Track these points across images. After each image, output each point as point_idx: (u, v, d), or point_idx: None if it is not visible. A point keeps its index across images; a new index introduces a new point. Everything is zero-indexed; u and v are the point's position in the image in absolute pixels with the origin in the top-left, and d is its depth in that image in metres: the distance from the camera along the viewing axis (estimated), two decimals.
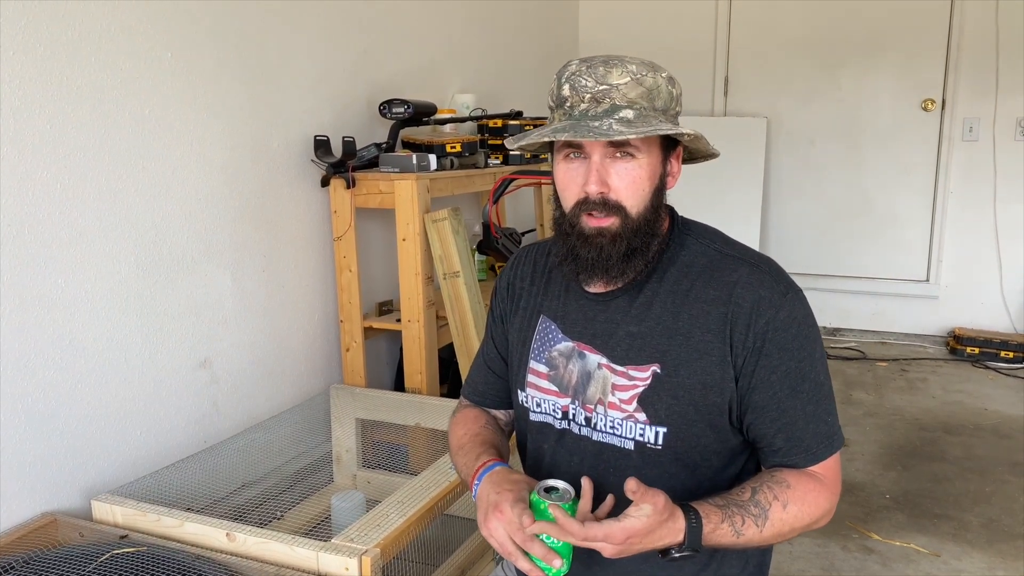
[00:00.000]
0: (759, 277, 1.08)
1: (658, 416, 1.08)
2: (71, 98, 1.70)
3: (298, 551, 1.47)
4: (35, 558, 1.49)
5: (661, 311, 1.10)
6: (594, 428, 1.13)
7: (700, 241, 1.14)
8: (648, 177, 1.06)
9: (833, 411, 1.10)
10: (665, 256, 1.12)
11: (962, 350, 4.14)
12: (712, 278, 1.09)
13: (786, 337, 1.05)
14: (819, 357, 1.09)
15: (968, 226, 4.29)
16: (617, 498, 1.11)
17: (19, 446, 1.64)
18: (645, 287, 1.12)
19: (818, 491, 1.07)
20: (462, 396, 1.39)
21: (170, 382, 1.99)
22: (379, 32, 2.76)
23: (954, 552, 2.32)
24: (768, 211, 4.59)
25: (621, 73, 1.03)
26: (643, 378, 1.09)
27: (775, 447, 1.09)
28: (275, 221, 2.31)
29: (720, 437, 1.10)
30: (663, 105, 1.05)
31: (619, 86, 1.02)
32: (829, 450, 1.08)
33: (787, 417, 1.07)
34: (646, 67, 1.05)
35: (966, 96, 4.18)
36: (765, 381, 1.06)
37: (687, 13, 4.62)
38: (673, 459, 1.10)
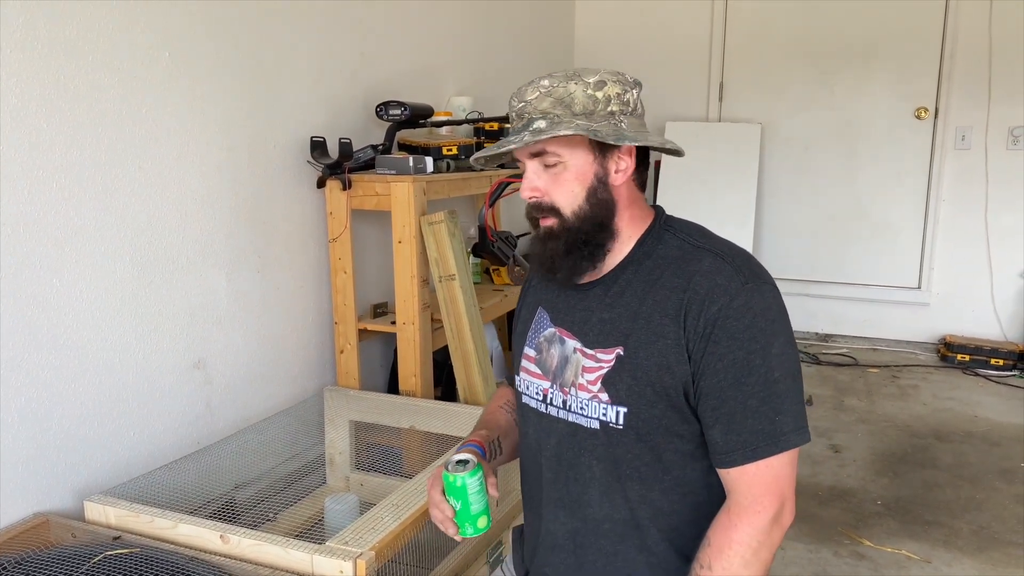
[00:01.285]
0: (720, 266, 1.09)
1: (619, 396, 1.12)
2: (68, 97, 1.70)
3: (292, 553, 1.46)
4: (27, 559, 1.48)
5: (630, 298, 1.14)
6: (568, 410, 1.18)
7: (677, 236, 1.17)
8: (575, 178, 1.13)
9: (787, 411, 1.06)
10: (641, 250, 1.16)
11: (953, 357, 4.16)
12: (679, 268, 1.12)
13: (737, 326, 1.05)
14: (776, 353, 1.06)
15: (960, 234, 4.32)
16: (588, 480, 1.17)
17: (12, 446, 1.63)
18: (620, 278, 1.16)
19: (735, 527, 1.06)
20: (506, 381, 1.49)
21: (164, 383, 1.98)
22: (376, 34, 2.76)
23: (945, 559, 2.33)
24: (761, 217, 4.60)
25: (534, 89, 1.13)
26: (608, 360, 1.13)
27: (715, 441, 1.09)
28: (270, 222, 2.30)
29: (683, 419, 1.11)
30: (582, 109, 1.11)
31: (531, 100, 1.13)
32: (770, 448, 1.05)
33: (727, 407, 1.06)
34: (564, 79, 1.13)
35: (959, 105, 4.21)
36: (711, 368, 1.06)
37: (682, 19, 4.64)
38: (636, 439, 1.12)
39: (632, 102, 1.14)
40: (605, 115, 1.11)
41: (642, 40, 4.71)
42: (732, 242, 1.17)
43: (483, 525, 1.20)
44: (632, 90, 1.14)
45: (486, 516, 1.21)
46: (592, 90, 1.11)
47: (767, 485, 1.06)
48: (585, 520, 1.18)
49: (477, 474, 1.19)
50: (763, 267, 1.13)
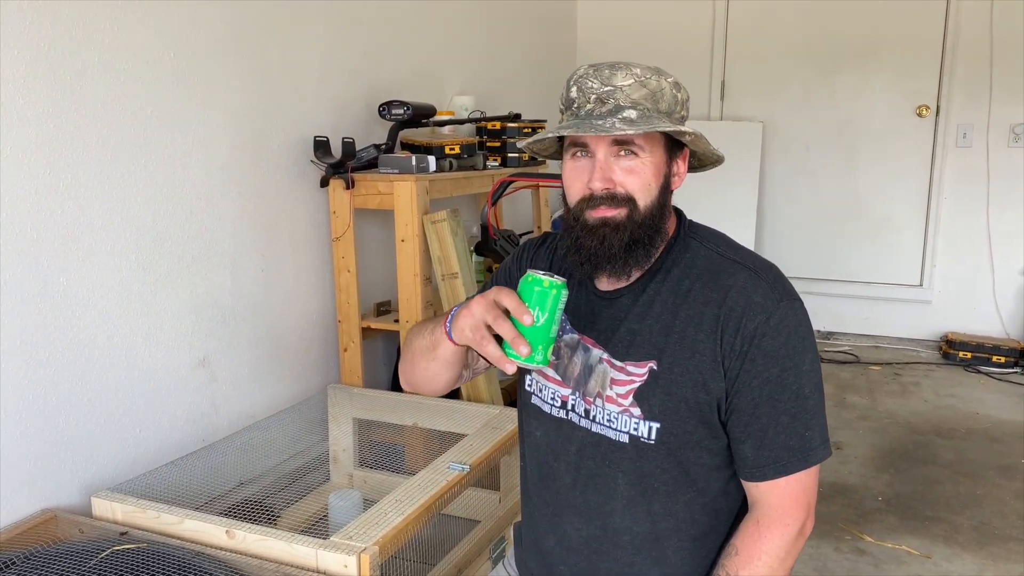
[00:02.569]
0: (755, 283, 1.09)
1: (652, 411, 1.11)
2: (74, 98, 1.71)
3: (297, 548, 1.48)
4: (35, 554, 1.50)
5: (661, 310, 1.12)
6: (593, 420, 1.16)
7: (705, 244, 1.16)
8: (653, 175, 1.10)
9: (816, 427, 1.08)
10: (669, 257, 1.15)
11: (954, 354, 4.17)
12: (711, 280, 1.11)
13: (773, 344, 1.06)
14: (807, 370, 1.08)
15: (961, 231, 4.32)
16: (612, 491, 1.15)
17: (20, 443, 1.65)
18: (649, 287, 1.14)
19: (765, 538, 1.08)
20: None
21: (169, 380, 2.00)
22: (379, 34, 2.78)
23: (945, 554, 2.34)
24: (763, 215, 4.61)
25: (626, 75, 1.07)
26: (640, 374, 1.12)
27: (745, 456, 1.09)
28: (274, 221, 2.32)
29: (713, 434, 1.11)
30: (667, 108, 1.09)
31: (623, 87, 1.07)
32: (800, 464, 1.07)
33: (759, 423, 1.07)
34: (651, 71, 1.09)
35: (960, 102, 4.21)
36: (747, 385, 1.07)
37: (684, 17, 4.64)
38: (666, 454, 1.12)
39: (687, 104, 1.15)
40: (679, 118, 1.11)
41: (644, 39, 4.72)
42: (757, 254, 1.17)
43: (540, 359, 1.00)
44: (685, 91, 1.15)
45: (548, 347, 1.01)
46: (675, 90, 1.11)
47: (795, 498, 1.08)
48: (604, 529, 1.17)
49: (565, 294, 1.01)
50: (790, 283, 1.13)
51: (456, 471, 1.78)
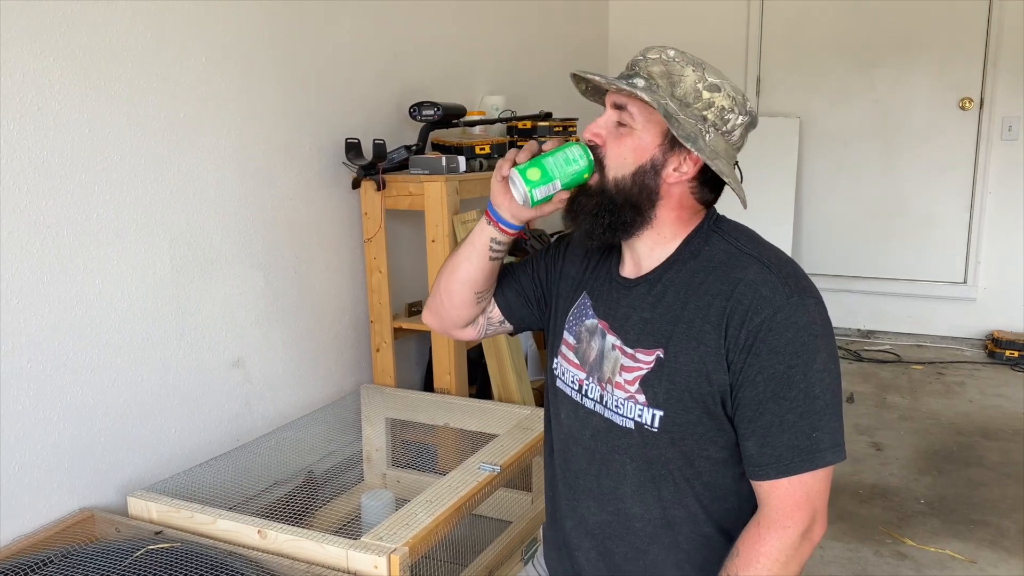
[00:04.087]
0: (765, 277, 1.07)
1: (656, 399, 1.11)
2: (108, 102, 1.74)
3: (328, 549, 1.49)
4: (73, 552, 1.53)
5: (672, 299, 1.13)
6: (605, 406, 1.17)
7: (725, 238, 1.15)
8: (633, 150, 1.12)
9: (824, 428, 1.05)
10: (688, 249, 1.15)
11: (1001, 353, 4.06)
12: (724, 273, 1.10)
13: (780, 340, 1.04)
14: (818, 369, 1.05)
15: (1007, 227, 4.21)
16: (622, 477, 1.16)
17: (58, 443, 1.68)
18: (664, 276, 1.15)
19: (764, 540, 1.05)
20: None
21: (204, 381, 2.02)
22: (409, 36, 2.78)
23: (990, 559, 2.28)
24: (801, 212, 4.54)
25: (658, 51, 1.12)
26: (647, 361, 1.12)
27: (750, 453, 1.07)
28: (307, 223, 2.34)
29: (718, 426, 1.10)
30: (682, 95, 1.10)
31: (648, 58, 1.12)
32: (805, 464, 1.04)
33: (763, 420, 1.05)
34: (689, 61, 1.11)
35: (1005, 94, 4.11)
36: (751, 380, 1.05)
37: (719, 12, 4.59)
38: (669, 443, 1.11)
39: (732, 125, 1.12)
40: (697, 116, 1.10)
41: (677, 36, 4.67)
42: (781, 250, 1.14)
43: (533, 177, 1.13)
44: (739, 116, 1.12)
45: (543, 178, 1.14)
46: (702, 86, 1.10)
47: (798, 501, 1.05)
48: (617, 514, 1.18)
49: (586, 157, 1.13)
50: (810, 280, 1.10)
51: (487, 472, 1.77)
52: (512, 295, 1.38)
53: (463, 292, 1.32)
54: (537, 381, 2.84)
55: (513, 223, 1.23)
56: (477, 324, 1.39)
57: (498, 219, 1.23)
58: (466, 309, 1.35)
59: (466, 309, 1.35)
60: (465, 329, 1.40)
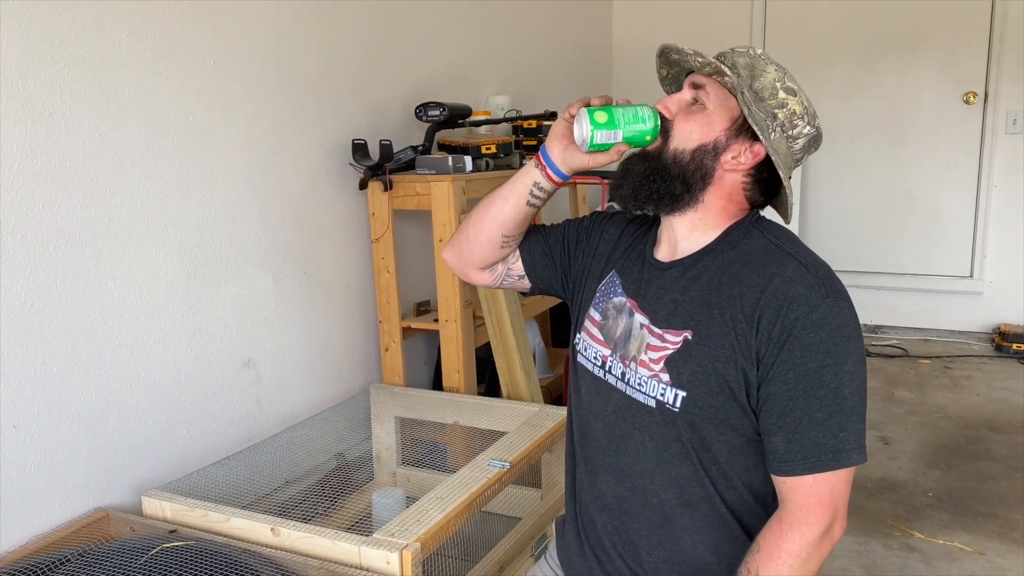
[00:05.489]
0: (802, 275, 1.09)
1: (680, 380, 1.12)
2: (118, 106, 1.76)
3: (341, 545, 1.50)
4: (89, 551, 1.55)
5: (706, 284, 1.14)
6: (627, 383, 1.19)
7: (765, 235, 1.17)
8: (701, 126, 1.14)
9: (851, 428, 1.06)
10: (727, 239, 1.17)
11: (1008, 347, 4.06)
12: (760, 267, 1.12)
13: (814, 339, 1.05)
14: (848, 370, 1.06)
15: (1013, 221, 4.21)
16: (641, 453, 1.18)
17: (74, 444, 1.70)
18: (700, 262, 1.17)
19: (786, 536, 1.06)
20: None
21: (215, 382, 2.04)
22: (415, 36, 2.80)
23: (999, 551, 2.29)
24: (807, 208, 4.55)
25: (744, 47, 1.17)
26: (675, 342, 1.14)
27: (776, 448, 1.08)
28: (315, 224, 2.35)
29: (739, 412, 1.11)
30: (759, 88, 1.13)
31: (735, 51, 1.16)
32: (830, 463, 1.05)
33: (792, 416, 1.06)
34: (771, 61, 1.16)
35: (1009, 88, 4.10)
36: (781, 376, 1.06)
37: (722, 11, 4.60)
38: (688, 424, 1.13)
39: (798, 132, 1.14)
40: (768, 112, 1.13)
41: (682, 33, 4.68)
42: (817, 255, 1.16)
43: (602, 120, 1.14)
44: (807, 127, 1.15)
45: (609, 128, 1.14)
46: (780, 86, 1.13)
47: (821, 498, 1.06)
48: (634, 490, 1.19)
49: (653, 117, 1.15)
50: (843, 284, 1.12)
51: (496, 468, 1.79)
52: (539, 252, 1.38)
53: (492, 230, 1.31)
54: (545, 379, 2.85)
55: (562, 170, 1.23)
56: (495, 271, 1.39)
57: (548, 162, 1.23)
58: (490, 249, 1.34)
59: (490, 249, 1.34)
60: (482, 272, 1.39)
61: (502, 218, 1.30)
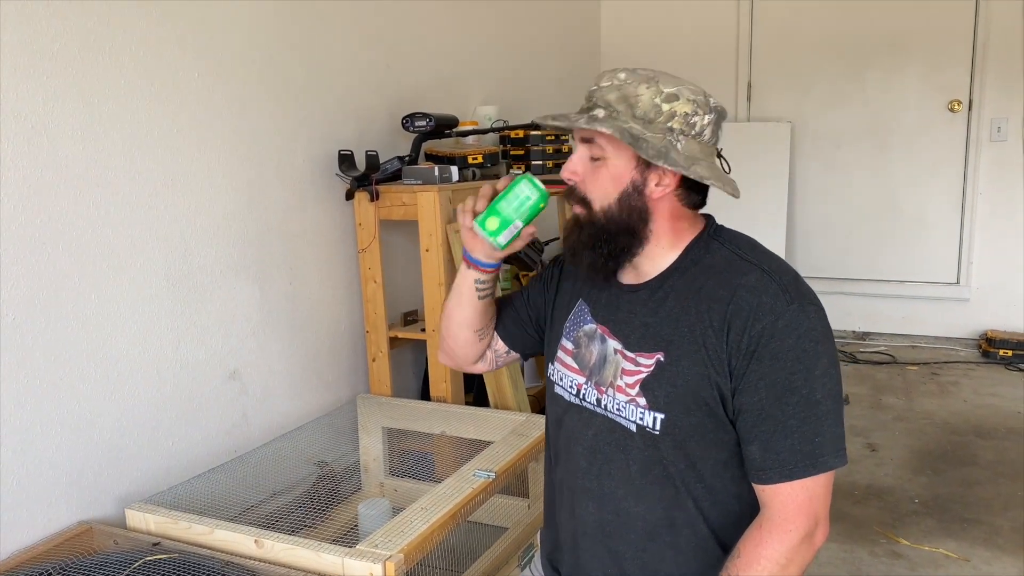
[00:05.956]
0: (766, 283, 1.09)
1: (657, 402, 1.13)
2: (100, 118, 1.76)
3: (324, 557, 1.50)
4: (71, 565, 1.54)
5: (674, 304, 1.15)
6: (605, 409, 1.19)
7: (726, 246, 1.17)
8: (611, 178, 1.14)
9: (826, 433, 1.06)
10: (689, 257, 1.17)
11: (995, 353, 4.08)
12: (724, 279, 1.12)
13: (781, 346, 1.05)
14: (819, 375, 1.06)
15: (998, 227, 4.24)
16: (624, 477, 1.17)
17: (56, 457, 1.70)
18: (666, 283, 1.17)
19: (766, 543, 1.07)
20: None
21: (200, 393, 2.04)
22: (402, 47, 2.81)
23: (984, 557, 2.30)
24: (794, 215, 4.57)
25: (609, 77, 1.13)
26: (648, 365, 1.14)
27: (752, 457, 1.09)
28: (301, 234, 2.36)
29: (719, 427, 1.11)
30: (643, 114, 1.11)
31: (602, 87, 1.14)
32: (807, 470, 1.06)
33: (766, 425, 1.07)
34: (641, 79, 1.12)
35: (993, 96, 4.14)
36: (752, 386, 1.07)
37: (709, 19, 4.62)
38: (672, 445, 1.13)
39: (700, 127, 1.13)
40: (663, 128, 1.11)
41: (668, 42, 4.71)
42: (781, 258, 1.16)
43: (492, 227, 1.20)
44: (706, 115, 1.13)
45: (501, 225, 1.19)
46: (661, 100, 1.11)
47: (800, 505, 1.07)
48: (617, 513, 1.19)
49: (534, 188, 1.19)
50: (809, 287, 1.12)
51: (482, 478, 1.79)
52: (511, 324, 1.41)
53: (463, 333, 1.37)
54: (533, 388, 2.86)
55: (490, 263, 1.28)
56: (486, 359, 1.44)
57: (475, 262, 1.28)
58: (471, 348, 1.40)
59: (471, 348, 1.40)
60: (477, 364, 1.44)
61: (467, 321, 1.35)
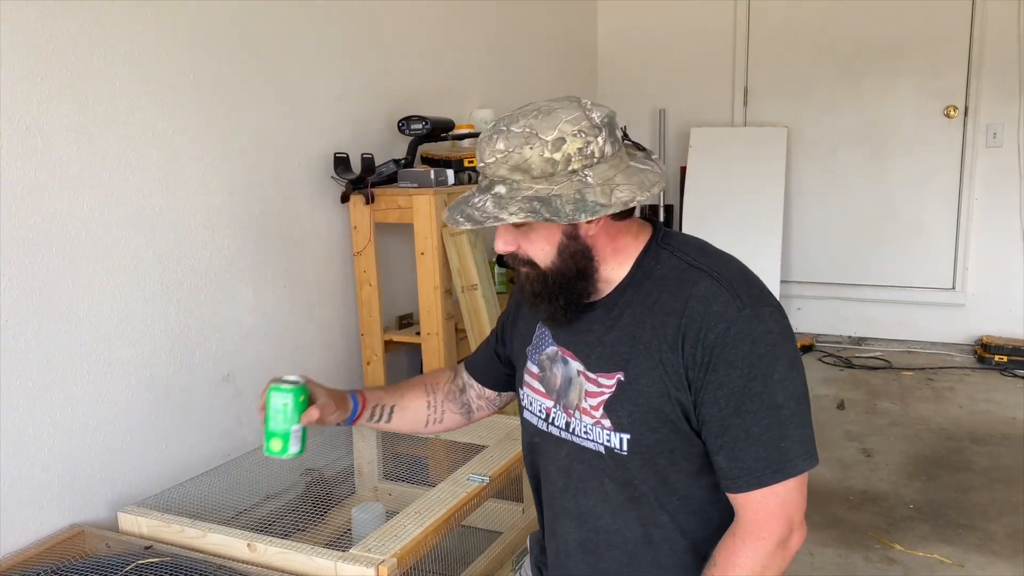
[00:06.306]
0: (716, 291, 1.06)
1: (621, 423, 1.11)
2: (95, 120, 1.76)
3: (317, 561, 1.50)
4: (63, 568, 1.54)
5: (629, 321, 1.12)
6: (572, 432, 1.18)
7: (675, 254, 1.13)
8: (544, 239, 1.10)
9: (792, 437, 1.05)
10: (640, 270, 1.14)
11: (990, 358, 4.09)
12: (676, 290, 1.09)
13: (736, 354, 1.04)
14: (779, 378, 1.04)
15: (994, 233, 4.24)
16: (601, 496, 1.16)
17: (49, 459, 1.69)
18: (620, 299, 1.14)
19: (739, 551, 1.06)
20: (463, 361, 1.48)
21: (194, 397, 2.03)
22: (398, 50, 2.81)
23: (979, 563, 2.30)
24: (790, 220, 4.57)
25: (491, 152, 1.05)
26: (609, 385, 1.12)
27: (720, 467, 1.08)
28: (296, 237, 2.35)
29: (686, 440, 1.10)
30: (540, 173, 1.04)
31: (489, 164, 1.06)
32: (775, 476, 1.04)
33: (729, 435, 1.05)
34: (521, 141, 1.03)
35: (989, 102, 4.15)
36: (712, 397, 1.05)
37: (705, 24, 4.63)
38: (641, 464, 1.12)
39: (599, 150, 1.05)
40: (566, 175, 1.04)
41: (665, 48, 4.72)
42: (733, 258, 1.14)
43: (276, 448, 1.25)
44: (597, 137, 1.04)
45: (282, 440, 1.25)
46: (549, 152, 1.03)
47: (772, 512, 1.06)
48: (597, 531, 1.18)
49: (282, 393, 1.25)
50: (763, 287, 1.10)
51: (476, 483, 1.78)
52: (490, 370, 1.40)
53: (421, 428, 1.41)
54: None
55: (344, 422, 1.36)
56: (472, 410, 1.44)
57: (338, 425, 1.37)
58: (445, 423, 1.42)
59: (445, 423, 1.42)
60: (474, 415, 1.45)
61: (405, 427, 1.41)
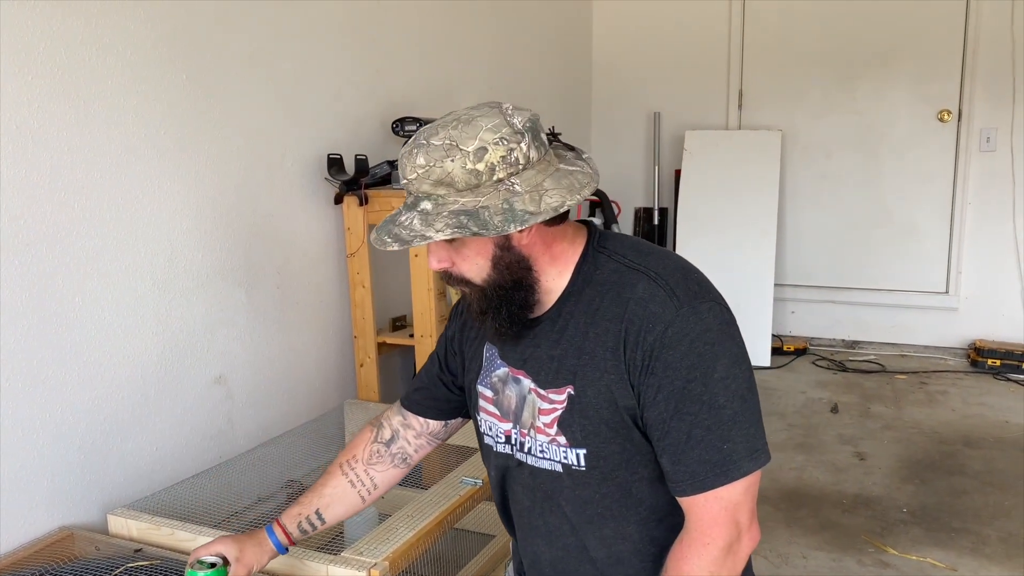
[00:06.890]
0: (653, 292, 1.04)
1: (575, 439, 1.09)
2: (87, 120, 1.75)
3: (308, 564, 1.49)
4: (51, 571, 1.52)
5: (574, 332, 1.09)
6: (529, 453, 1.15)
7: (612, 257, 1.11)
8: (476, 254, 1.07)
9: (736, 438, 1.01)
10: (580, 278, 1.11)
11: (983, 362, 4.10)
12: (616, 295, 1.07)
13: (674, 355, 1.01)
14: (720, 378, 1.01)
15: (987, 237, 4.26)
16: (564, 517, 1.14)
17: (38, 462, 1.68)
18: (563, 310, 1.11)
19: (686, 558, 1.04)
20: (399, 402, 1.39)
21: (186, 398, 2.02)
22: (392, 51, 2.80)
23: (972, 567, 2.30)
24: (784, 224, 4.58)
25: (412, 168, 1.02)
26: (560, 401, 1.10)
27: (665, 470, 1.06)
28: (289, 239, 2.34)
29: (643, 449, 1.08)
30: (464, 185, 1.00)
31: (412, 181, 1.03)
32: (719, 479, 1.01)
33: (671, 439, 1.03)
34: (442, 154, 1.00)
35: (983, 106, 4.16)
36: (652, 400, 1.03)
37: (700, 28, 4.64)
38: (601, 479, 1.09)
39: (523, 156, 1.01)
40: (492, 185, 1.00)
41: (660, 51, 4.73)
42: (671, 254, 1.12)
43: None
44: (520, 143, 1.01)
45: None
46: (472, 163, 0.99)
47: (716, 516, 1.03)
48: (567, 550, 1.17)
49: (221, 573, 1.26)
50: (703, 282, 1.07)
51: (469, 485, 1.78)
52: (436, 399, 1.33)
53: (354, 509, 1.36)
54: None
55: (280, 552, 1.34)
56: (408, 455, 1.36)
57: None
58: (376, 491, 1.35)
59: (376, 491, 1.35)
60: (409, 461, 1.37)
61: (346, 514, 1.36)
